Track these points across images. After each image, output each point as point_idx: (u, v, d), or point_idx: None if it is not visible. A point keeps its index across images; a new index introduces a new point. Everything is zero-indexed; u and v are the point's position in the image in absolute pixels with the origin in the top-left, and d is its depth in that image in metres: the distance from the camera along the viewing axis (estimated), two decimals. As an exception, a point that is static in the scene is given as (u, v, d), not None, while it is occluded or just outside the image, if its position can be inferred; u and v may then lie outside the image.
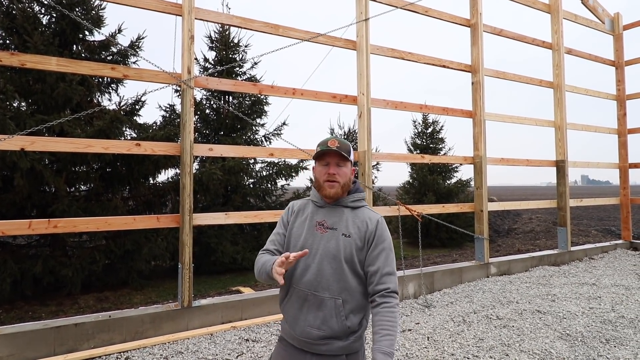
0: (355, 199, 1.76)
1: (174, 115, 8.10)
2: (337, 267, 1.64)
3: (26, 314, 5.25)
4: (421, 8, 6.03)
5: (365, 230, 1.68)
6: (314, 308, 1.64)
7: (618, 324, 4.20)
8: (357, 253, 1.66)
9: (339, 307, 1.62)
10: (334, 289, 1.63)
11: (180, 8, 4.29)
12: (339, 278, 1.64)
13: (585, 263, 7.34)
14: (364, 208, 1.77)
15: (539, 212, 16.60)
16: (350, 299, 1.64)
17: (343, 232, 1.68)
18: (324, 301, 1.63)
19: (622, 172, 8.97)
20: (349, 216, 1.72)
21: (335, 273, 1.64)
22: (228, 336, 3.96)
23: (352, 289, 1.65)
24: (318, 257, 1.67)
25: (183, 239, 4.11)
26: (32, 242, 6.45)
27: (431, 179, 11.34)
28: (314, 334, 1.63)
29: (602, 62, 9.04)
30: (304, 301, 1.66)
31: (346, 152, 1.71)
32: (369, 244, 1.67)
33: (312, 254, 1.68)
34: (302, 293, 1.67)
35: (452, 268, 5.99)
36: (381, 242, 1.67)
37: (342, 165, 1.73)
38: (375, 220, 1.71)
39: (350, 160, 1.74)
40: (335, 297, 1.63)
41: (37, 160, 5.24)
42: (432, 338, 3.93)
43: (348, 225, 1.69)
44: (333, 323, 1.61)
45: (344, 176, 1.72)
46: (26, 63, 3.63)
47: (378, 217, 1.74)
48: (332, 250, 1.66)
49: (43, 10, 6.34)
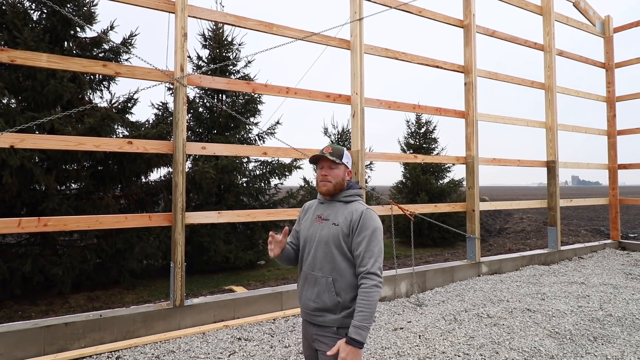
0: (348, 195, 2.04)
1: (167, 113, 8.05)
2: (327, 251, 1.95)
3: (15, 313, 5.19)
4: (415, 8, 6.06)
5: (351, 219, 1.94)
6: (312, 285, 1.98)
7: (606, 322, 4.27)
8: (343, 239, 1.93)
9: (330, 285, 1.92)
10: (326, 269, 1.94)
11: (173, 5, 4.27)
12: (330, 260, 1.94)
13: (574, 262, 7.43)
14: (356, 202, 2.04)
15: (529, 212, 16.76)
16: (340, 278, 1.92)
17: (333, 221, 1.98)
18: (318, 279, 1.96)
19: (612, 173, 9.09)
20: (340, 209, 2.01)
21: (327, 256, 1.95)
22: (220, 335, 3.95)
23: (342, 270, 1.93)
24: (315, 243, 2.00)
25: (175, 238, 4.09)
26: (21, 240, 6.37)
27: (424, 178, 11.40)
28: (311, 305, 1.96)
29: (592, 64, 9.16)
30: (305, 279, 2.02)
31: (337, 157, 2.02)
32: (354, 231, 1.92)
33: (312, 241, 2.02)
34: (304, 273, 2.04)
35: (444, 267, 6.03)
36: (365, 230, 1.91)
37: (334, 167, 2.02)
38: (360, 211, 1.95)
39: (342, 163, 2.03)
40: (327, 276, 1.93)
41: (27, 158, 5.19)
42: (424, 336, 3.95)
43: (338, 215, 1.99)
44: (325, 297, 1.92)
45: (336, 177, 2.02)
46: (16, 59, 3.59)
47: (364, 208, 1.98)
48: (324, 237, 1.97)
49: (34, 6, 6.26)
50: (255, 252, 7.98)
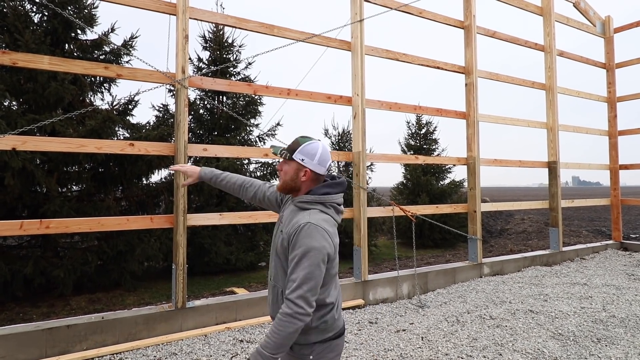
0: (303, 201, 1.74)
1: (168, 115, 8.05)
2: (276, 260, 1.78)
3: (17, 315, 5.18)
4: (415, 9, 6.06)
5: (290, 233, 1.67)
6: (269, 292, 1.83)
7: (609, 323, 4.26)
8: (284, 251, 1.71)
9: (279, 295, 1.73)
10: (276, 278, 1.77)
11: (174, 7, 4.27)
12: (276, 270, 1.77)
13: (576, 263, 7.42)
14: (308, 211, 1.71)
15: (531, 212, 16.76)
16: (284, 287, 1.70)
17: (282, 228, 1.76)
18: (271, 287, 1.81)
19: (613, 174, 9.08)
20: (292, 215, 1.75)
21: (275, 265, 1.78)
22: (222, 337, 3.94)
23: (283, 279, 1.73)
24: (272, 249, 1.85)
25: (177, 240, 4.09)
26: (22, 242, 6.37)
27: (425, 179, 11.39)
28: (269, 312, 1.82)
29: (593, 64, 9.15)
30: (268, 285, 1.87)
31: (289, 151, 1.77)
32: (290, 247, 1.67)
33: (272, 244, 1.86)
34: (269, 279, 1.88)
35: (445, 268, 6.02)
36: (297, 248, 1.61)
37: (284, 163, 1.80)
38: (298, 225, 1.64)
39: (293, 160, 1.75)
40: (278, 286, 1.75)
41: (29, 160, 5.18)
42: (426, 338, 3.94)
43: (287, 223, 1.74)
44: (275, 307, 1.75)
45: (285, 174, 1.78)
46: (18, 62, 3.58)
47: (303, 222, 1.64)
48: (275, 245, 1.80)
49: (34, 9, 6.27)
50: (256, 254, 7.98)
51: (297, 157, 1.74)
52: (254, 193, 2.05)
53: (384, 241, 11.82)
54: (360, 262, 5.15)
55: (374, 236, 10.09)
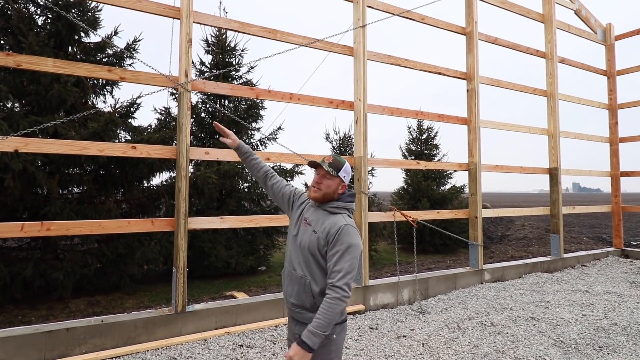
0: (334, 206, 2.10)
1: (169, 118, 8.07)
2: (305, 256, 2.05)
3: (16, 318, 5.16)
4: (418, 16, 6.08)
5: (328, 232, 2.00)
6: (293, 282, 2.09)
7: (611, 331, 4.23)
8: (319, 249, 2.01)
9: (307, 286, 2.02)
10: (304, 271, 2.05)
11: (178, 11, 4.29)
12: (307, 264, 2.04)
13: (577, 270, 7.39)
14: (340, 215, 2.07)
15: (531, 219, 16.71)
16: (315, 282, 2.02)
17: (314, 229, 2.05)
18: (298, 278, 2.07)
19: (614, 180, 9.07)
20: (323, 218, 2.07)
21: (305, 260, 2.05)
22: (222, 342, 3.92)
23: (317, 275, 2.02)
24: (298, 244, 2.10)
25: (178, 243, 4.08)
26: (22, 244, 6.36)
27: (425, 184, 11.38)
28: (291, 301, 2.10)
29: (594, 71, 9.17)
30: (287, 275, 2.14)
31: (335, 169, 2.08)
32: (330, 244, 1.98)
33: (296, 241, 2.12)
34: (288, 270, 2.15)
35: (446, 274, 6.00)
36: (338, 245, 1.96)
37: (329, 178, 2.09)
38: (338, 226, 2.00)
39: (338, 177, 2.09)
40: (305, 277, 2.04)
41: (30, 162, 5.19)
42: (427, 344, 3.92)
43: (319, 224, 2.05)
44: (303, 297, 2.04)
45: (327, 187, 2.09)
46: (22, 64, 3.59)
47: (343, 223, 2.01)
48: (305, 242, 2.06)
49: (39, 11, 6.31)
50: (256, 258, 7.96)
51: (341, 174, 2.09)
52: (273, 184, 2.37)
53: (384, 246, 11.80)
54: (361, 267, 5.14)
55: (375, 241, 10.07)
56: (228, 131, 2.45)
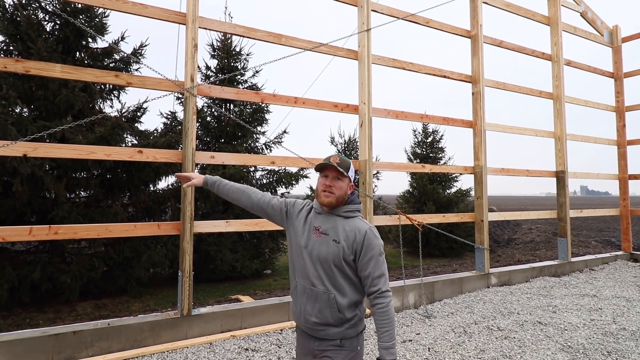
0: (348, 210, 1.96)
1: (175, 122, 8.12)
2: (327, 268, 1.89)
3: (23, 320, 5.20)
4: (422, 19, 6.09)
5: (354, 239, 1.87)
6: (312, 299, 1.91)
7: (619, 336, 4.18)
8: (345, 259, 1.87)
9: (332, 301, 1.87)
10: (327, 286, 1.88)
11: (184, 17, 4.33)
12: (329, 277, 1.89)
13: (585, 274, 7.31)
14: (356, 218, 1.96)
15: (538, 222, 16.58)
16: (340, 295, 1.88)
17: (334, 238, 1.90)
18: (319, 294, 1.89)
19: (622, 183, 8.99)
20: (340, 224, 1.92)
21: (326, 273, 1.89)
22: (227, 345, 3.92)
23: (342, 287, 1.89)
24: (314, 257, 1.91)
25: (184, 247, 4.10)
26: (30, 248, 6.42)
27: (431, 188, 11.34)
28: (312, 320, 1.90)
29: (601, 73, 9.11)
30: (304, 293, 1.94)
31: (344, 169, 1.92)
32: (359, 253, 1.87)
33: (309, 254, 1.93)
34: (302, 287, 1.95)
35: (452, 278, 5.96)
36: (370, 250, 1.87)
37: (340, 179, 1.93)
38: (363, 231, 1.89)
39: (348, 177, 1.94)
40: (328, 292, 1.88)
41: (38, 166, 5.24)
42: (433, 349, 3.90)
43: (338, 232, 1.90)
44: (327, 313, 1.88)
45: (340, 189, 1.92)
46: (30, 69, 3.65)
47: (367, 227, 1.91)
48: (323, 254, 1.89)
49: (47, 18, 6.39)
50: (262, 261, 7.96)
51: (350, 174, 1.96)
52: (259, 199, 2.15)
53: (390, 250, 11.75)
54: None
55: (380, 245, 10.03)
56: (187, 174, 2.26)
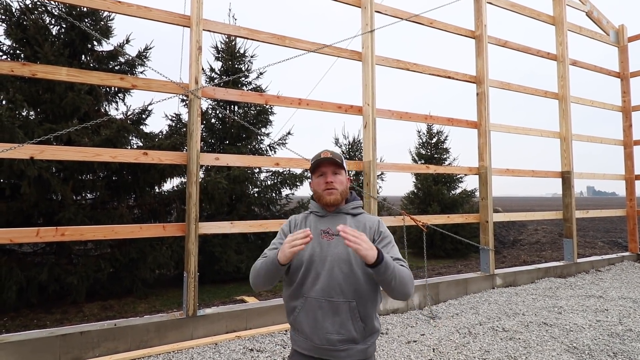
0: (355, 206, 1.85)
1: (180, 124, 8.18)
2: (348, 271, 1.67)
3: (31, 321, 5.26)
4: (426, 20, 6.09)
5: (369, 230, 1.76)
6: (330, 314, 1.65)
7: (626, 337, 4.15)
8: None
9: (354, 310, 1.65)
10: (347, 293, 1.66)
11: (188, 19, 4.36)
12: (351, 281, 1.66)
13: (591, 275, 7.26)
14: (364, 214, 1.87)
15: (544, 223, 16.49)
16: (363, 302, 1.67)
17: None
18: (339, 306, 1.65)
19: (629, 184, 8.91)
20: (351, 222, 1.78)
21: (347, 277, 1.67)
22: (232, 346, 3.94)
23: (365, 293, 1.68)
24: (328, 264, 1.69)
25: (189, 248, 4.12)
26: (37, 250, 6.48)
27: (436, 189, 11.32)
28: (334, 339, 1.64)
29: (607, 73, 9.05)
30: (319, 309, 1.66)
31: (340, 160, 1.81)
32: (377, 240, 1.75)
33: (322, 261, 1.70)
34: (316, 302, 1.67)
35: (457, 279, 5.95)
36: (386, 237, 1.76)
37: (338, 173, 1.81)
38: (376, 221, 1.81)
39: (344, 169, 1.83)
40: (349, 301, 1.65)
41: (45, 169, 5.30)
42: (438, 350, 3.89)
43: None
44: (350, 326, 1.64)
45: (341, 184, 1.80)
46: (37, 73, 3.69)
47: (377, 219, 1.84)
48: (341, 255, 1.69)
49: (53, 21, 6.46)
50: (267, 263, 7.98)
51: (345, 165, 1.84)
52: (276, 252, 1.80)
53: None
54: (371, 271, 5.12)
55: (385, 246, 10.02)
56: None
